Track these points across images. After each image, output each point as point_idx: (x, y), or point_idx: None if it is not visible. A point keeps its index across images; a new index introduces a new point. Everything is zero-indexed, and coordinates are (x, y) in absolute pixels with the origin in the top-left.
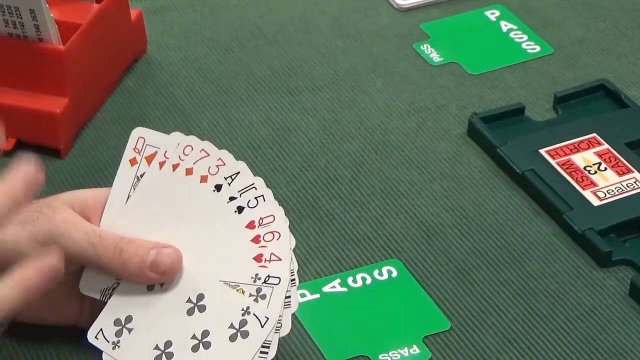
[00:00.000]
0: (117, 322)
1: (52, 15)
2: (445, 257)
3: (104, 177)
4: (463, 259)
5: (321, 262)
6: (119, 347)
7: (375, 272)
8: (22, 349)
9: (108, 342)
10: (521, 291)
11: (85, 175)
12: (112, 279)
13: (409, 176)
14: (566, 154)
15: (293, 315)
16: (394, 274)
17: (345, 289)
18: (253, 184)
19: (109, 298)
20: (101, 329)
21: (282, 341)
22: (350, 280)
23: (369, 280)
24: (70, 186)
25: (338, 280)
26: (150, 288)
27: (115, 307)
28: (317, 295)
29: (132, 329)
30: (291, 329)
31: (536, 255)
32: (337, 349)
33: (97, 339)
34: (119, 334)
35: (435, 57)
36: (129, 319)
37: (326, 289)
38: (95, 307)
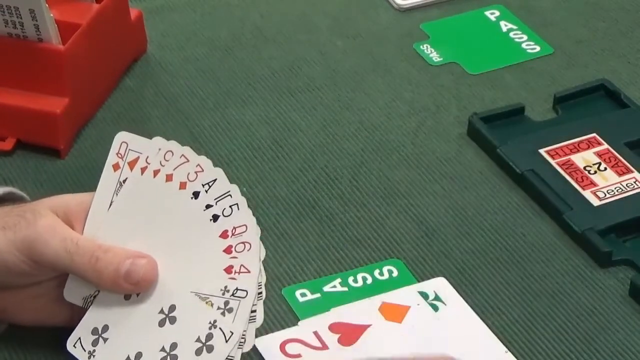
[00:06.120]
0: (94, 331)
1: (52, 15)
2: (445, 257)
3: None
4: (463, 259)
5: (321, 262)
6: (94, 356)
7: (376, 272)
8: (16, 353)
9: (85, 351)
10: (521, 291)
11: (85, 175)
12: (93, 287)
13: (409, 176)
14: (566, 154)
15: (292, 315)
16: (395, 273)
17: (346, 289)
18: (229, 191)
19: (90, 305)
20: (79, 338)
21: None
22: (351, 280)
23: (369, 280)
24: (70, 186)
25: (339, 280)
26: (127, 297)
27: (94, 316)
28: (318, 295)
29: (107, 339)
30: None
31: (536, 256)
32: None
33: (75, 347)
34: (95, 343)
35: (435, 57)
36: (105, 328)
37: (327, 288)
38: (83, 311)
